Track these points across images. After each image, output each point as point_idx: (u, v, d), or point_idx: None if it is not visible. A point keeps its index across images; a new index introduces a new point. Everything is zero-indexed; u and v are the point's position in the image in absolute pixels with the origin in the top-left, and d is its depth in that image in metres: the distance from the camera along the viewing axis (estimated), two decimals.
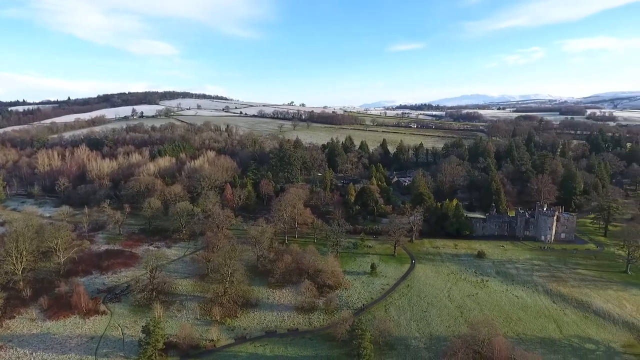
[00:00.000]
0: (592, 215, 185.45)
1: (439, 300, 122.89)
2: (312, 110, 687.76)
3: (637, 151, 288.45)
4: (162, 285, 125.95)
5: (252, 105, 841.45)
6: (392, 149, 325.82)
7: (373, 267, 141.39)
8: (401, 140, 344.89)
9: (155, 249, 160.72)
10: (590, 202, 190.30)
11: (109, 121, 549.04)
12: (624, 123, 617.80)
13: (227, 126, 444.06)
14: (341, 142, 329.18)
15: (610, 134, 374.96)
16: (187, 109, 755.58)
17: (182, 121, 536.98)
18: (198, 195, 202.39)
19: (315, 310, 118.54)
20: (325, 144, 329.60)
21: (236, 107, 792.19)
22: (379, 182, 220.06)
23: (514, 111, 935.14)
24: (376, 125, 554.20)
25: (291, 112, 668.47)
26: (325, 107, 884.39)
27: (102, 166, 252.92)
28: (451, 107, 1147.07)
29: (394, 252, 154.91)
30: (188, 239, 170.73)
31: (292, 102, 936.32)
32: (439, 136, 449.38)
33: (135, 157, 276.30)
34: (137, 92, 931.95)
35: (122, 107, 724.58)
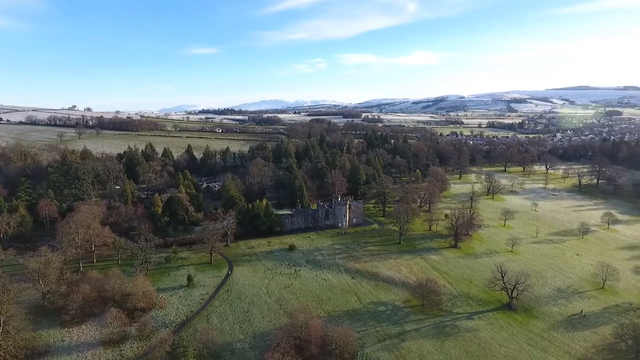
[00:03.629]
0: (374, 201, 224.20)
1: (259, 298, 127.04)
2: (102, 116, 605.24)
3: (399, 146, 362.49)
4: None
5: (17, 110, 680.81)
6: (198, 155, 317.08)
7: (190, 278, 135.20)
8: (207, 145, 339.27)
9: None
10: (371, 190, 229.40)
11: None
12: (388, 124, 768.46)
13: None
14: (141, 150, 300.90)
15: (379, 133, 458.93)
16: None
17: None
18: None
19: (127, 340, 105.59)
20: (122, 152, 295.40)
21: None
22: (188, 190, 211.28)
23: (307, 115, 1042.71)
24: (179, 130, 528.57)
25: (74, 118, 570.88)
26: (117, 112, 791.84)
27: None
28: (253, 112, 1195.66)
29: (211, 260, 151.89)
30: None
31: (74, 107, 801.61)
32: (244, 140, 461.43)
33: None
34: None
35: None
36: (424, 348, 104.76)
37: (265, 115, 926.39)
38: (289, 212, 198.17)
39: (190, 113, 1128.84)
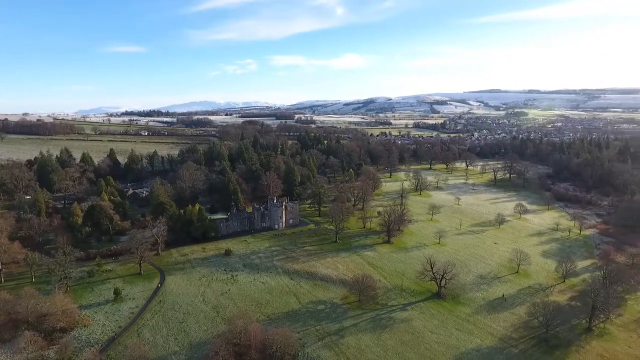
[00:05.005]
0: (309, 201, 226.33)
1: (194, 307, 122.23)
2: (6, 119, 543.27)
3: (332, 147, 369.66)
4: None
5: None
6: (122, 160, 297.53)
7: (117, 292, 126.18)
8: (132, 149, 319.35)
9: None
10: (307, 190, 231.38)
11: None
12: (321, 125, 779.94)
13: None
14: (55, 156, 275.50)
15: (313, 134, 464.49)
16: None
17: None
18: None
19: None
20: (33, 159, 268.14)
21: None
22: (112, 197, 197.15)
23: (239, 117, 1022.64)
24: (100, 134, 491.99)
25: None
26: (26, 114, 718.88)
27: None
28: (182, 114, 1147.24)
29: (140, 270, 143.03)
30: None
31: None
32: (173, 143, 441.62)
33: None
34: None
35: None
36: (362, 342, 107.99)
37: (195, 117, 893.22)
38: (224, 216, 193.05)
39: (111, 115, 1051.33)
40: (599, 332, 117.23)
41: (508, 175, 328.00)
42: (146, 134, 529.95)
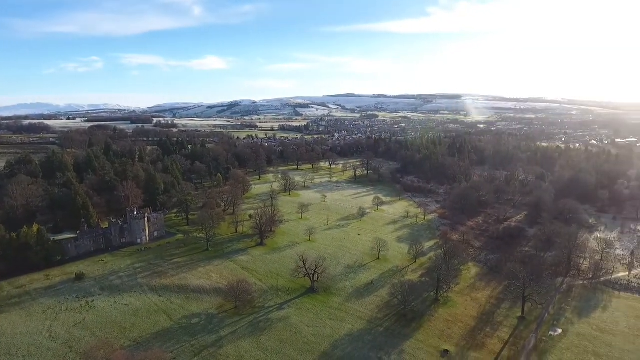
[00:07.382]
0: (175, 210, 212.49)
1: (38, 346, 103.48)
2: None
3: (197, 151, 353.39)
4: None
5: None
6: None
7: None
8: None
9: None
10: (172, 199, 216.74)
11: None
12: (183, 129, 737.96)
13: None
14: None
15: (175, 139, 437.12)
16: None
17: None
18: None
19: None
20: None
21: None
22: None
23: (85, 121, 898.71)
24: None
25: None
26: None
27: None
28: (7, 118, 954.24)
29: None
30: None
31: None
32: None
33: None
34: None
35: None
36: (242, 348, 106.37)
37: (26, 122, 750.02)
38: (73, 236, 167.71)
39: None
40: (444, 301, 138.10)
41: (366, 171, 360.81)
42: None
